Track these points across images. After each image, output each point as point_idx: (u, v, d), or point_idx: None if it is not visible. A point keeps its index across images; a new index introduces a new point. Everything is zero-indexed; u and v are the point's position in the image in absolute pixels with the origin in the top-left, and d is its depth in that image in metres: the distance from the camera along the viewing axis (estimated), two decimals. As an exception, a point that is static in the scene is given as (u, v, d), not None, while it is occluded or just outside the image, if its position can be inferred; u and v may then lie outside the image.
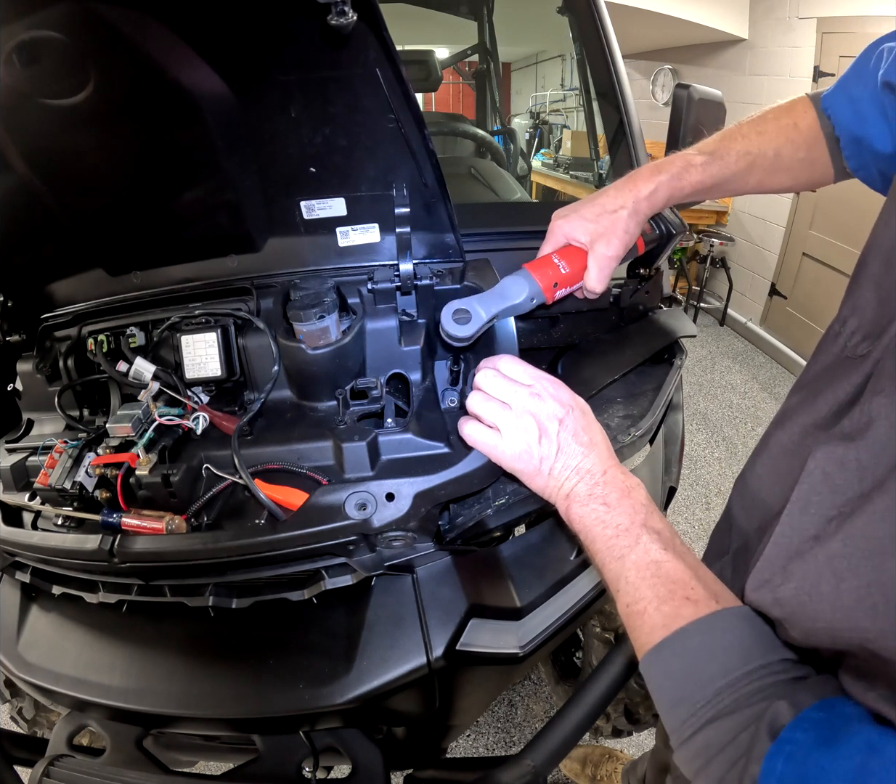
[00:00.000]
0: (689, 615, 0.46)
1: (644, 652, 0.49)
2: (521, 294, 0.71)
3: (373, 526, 0.67)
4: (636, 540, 0.52)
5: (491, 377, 0.63)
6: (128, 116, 0.73)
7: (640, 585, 0.50)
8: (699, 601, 0.47)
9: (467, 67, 3.77)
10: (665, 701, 0.47)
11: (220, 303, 0.88)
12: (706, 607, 0.47)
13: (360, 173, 0.78)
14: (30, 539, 0.77)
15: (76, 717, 0.87)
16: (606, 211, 0.71)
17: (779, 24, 3.45)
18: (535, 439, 0.59)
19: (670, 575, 0.50)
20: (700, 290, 4.35)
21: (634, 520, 0.54)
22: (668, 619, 0.47)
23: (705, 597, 0.48)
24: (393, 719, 0.85)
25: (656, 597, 0.49)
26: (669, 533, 0.54)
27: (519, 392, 0.61)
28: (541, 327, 1.07)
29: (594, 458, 0.59)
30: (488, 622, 0.78)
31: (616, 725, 1.46)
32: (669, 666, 0.47)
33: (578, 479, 0.58)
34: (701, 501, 2.71)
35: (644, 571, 0.51)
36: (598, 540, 0.55)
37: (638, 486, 0.58)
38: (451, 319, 0.69)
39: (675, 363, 1.07)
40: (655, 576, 0.50)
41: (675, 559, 0.51)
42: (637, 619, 0.50)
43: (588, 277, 0.72)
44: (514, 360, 0.64)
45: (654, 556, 0.51)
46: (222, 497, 0.77)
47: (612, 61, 1.26)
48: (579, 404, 0.62)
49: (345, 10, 0.49)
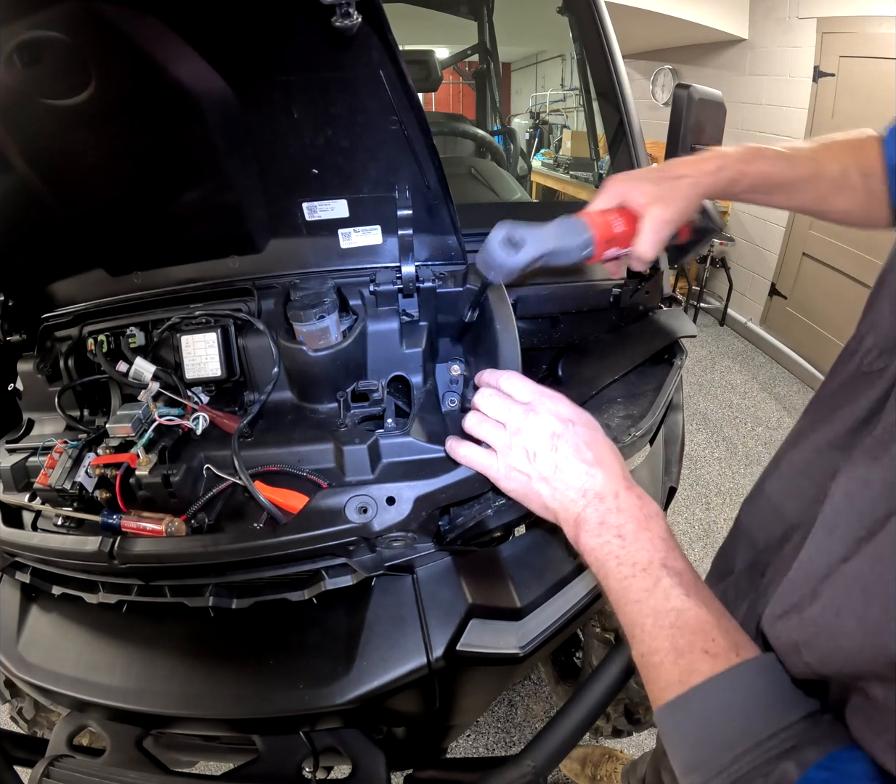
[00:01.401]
0: (707, 671, 0.43)
1: (658, 706, 0.46)
2: (576, 239, 0.67)
3: (373, 529, 0.67)
4: (655, 583, 0.48)
5: (487, 396, 0.60)
6: (129, 117, 0.72)
7: (658, 636, 0.46)
8: (718, 655, 0.44)
9: (467, 67, 3.77)
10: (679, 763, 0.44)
11: (220, 303, 0.88)
12: (725, 662, 0.43)
13: (363, 175, 0.78)
14: (30, 540, 0.77)
15: (76, 717, 0.87)
16: (669, 176, 0.69)
17: (779, 24, 3.45)
18: (531, 457, 0.56)
19: (691, 625, 0.46)
20: (700, 290, 4.35)
21: (653, 558, 0.49)
22: (683, 675, 0.44)
23: (725, 649, 0.44)
24: (393, 719, 0.85)
25: (674, 649, 0.45)
26: (691, 575, 0.49)
27: (513, 410, 0.58)
28: (541, 327, 1.07)
29: (602, 478, 0.54)
30: (488, 622, 0.78)
31: (616, 725, 1.46)
32: (684, 726, 0.44)
33: (586, 504, 0.53)
34: (701, 501, 2.71)
35: (662, 619, 0.46)
36: (611, 577, 0.50)
37: (656, 515, 0.53)
38: (500, 244, 0.63)
39: (676, 363, 1.07)
40: (674, 626, 0.46)
41: (696, 607, 0.46)
42: (652, 671, 0.46)
43: (640, 241, 0.69)
44: (515, 376, 0.61)
45: (675, 603, 0.46)
46: (222, 498, 0.77)
47: (612, 61, 1.26)
48: (582, 419, 0.58)
49: (349, 11, 0.49)
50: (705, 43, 3.98)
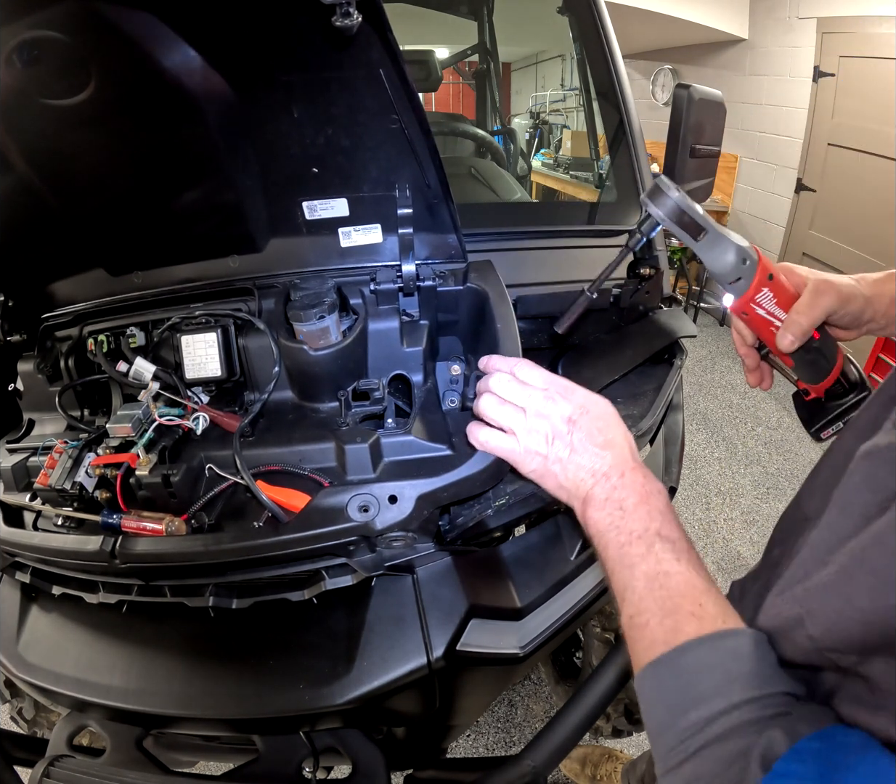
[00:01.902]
0: (692, 632, 0.44)
1: (640, 667, 0.46)
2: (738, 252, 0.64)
3: (375, 528, 0.67)
4: (648, 548, 0.50)
5: (505, 381, 0.63)
6: (129, 116, 0.72)
7: (646, 597, 0.48)
8: (705, 618, 0.44)
9: (467, 67, 3.77)
10: (654, 724, 0.44)
11: (220, 303, 0.88)
12: (711, 625, 0.44)
13: (363, 174, 0.78)
14: (30, 540, 0.77)
15: (76, 717, 0.87)
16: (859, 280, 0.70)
17: (779, 24, 3.45)
18: (549, 440, 0.59)
19: (679, 588, 0.47)
20: (700, 290, 4.35)
21: (649, 527, 0.51)
22: (669, 635, 0.45)
23: (712, 615, 0.45)
24: (393, 719, 0.85)
25: (661, 610, 0.46)
26: (685, 543, 0.51)
27: (533, 396, 0.61)
28: (541, 327, 1.07)
29: (610, 460, 0.57)
30: (488, 622, 0.78)
31: (616, 725, 1.46)
32: (663, 684, 0.44)
33: (594, 483, 0.57)
34: (701, 501, 2.71)
35: (652, 582, 0.48)
36: (610, 546, 0.53)
37: (658, 492, 0.55)
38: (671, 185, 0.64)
39: (676, 363, 1.07)
40: (663, 587, 0.47)
41: (686, 571, 0.48)
42: (638, 631, 0.47)
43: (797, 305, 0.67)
44: (530, 364, 0.64)
45: (665, 566, 0.48)
46: (223, 498, 0.77)
47: (612, 61, 1.26)
48: (597, 405, 0.61)
49: (350, 11, 0.49)
50: (705, 43, 3.98)
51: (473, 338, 0.88)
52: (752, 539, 2.49)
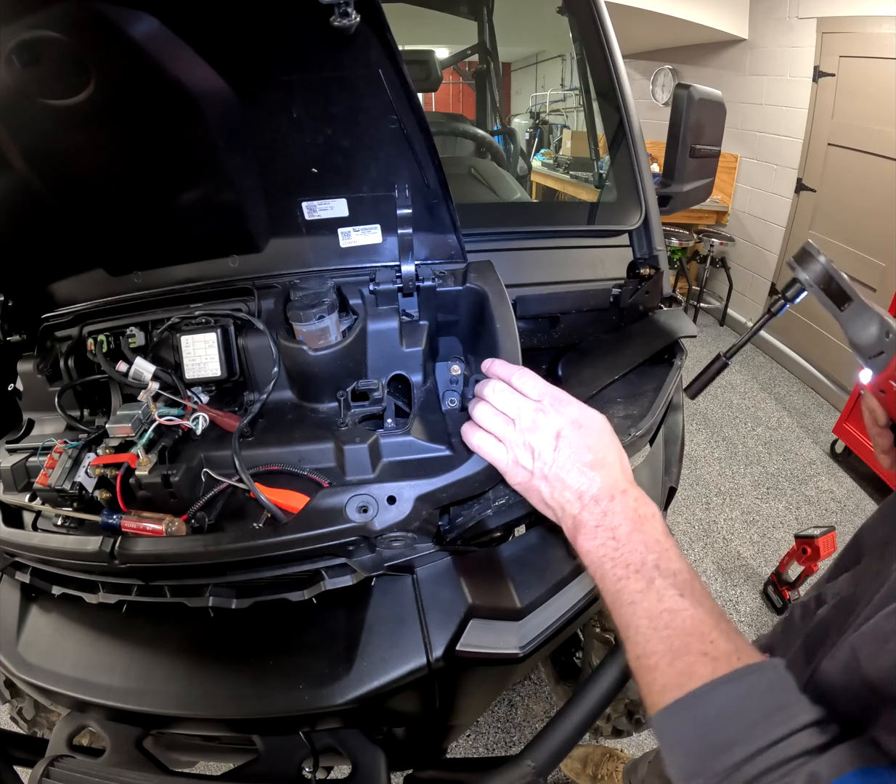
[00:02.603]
0: (707, 674, 0.42)
1: (655, 711, 0.44)
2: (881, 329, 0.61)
3: (374, 529, 0.67)
4: (648, 584, 0.47)
5: (499, 390, 0.62)
6: (129, 116, 0.72)
7: (652, 637, 0.45)
8: (718, 658, 0.42)
9: (467, 67, 3.76)
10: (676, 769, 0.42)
11: (220, 303, 0.88)
12: (726, 665, 0.42)
13: (362, 174, 0.78)
14: (30, 540, 0.77)
15: (76, 717, 0.87)
16: None
17: (779, 24, 3.45)
18: (535, 455, 0.57)
19: (686, 626, 0.45)
20: (700, 290, 4.35)
21: (646, 559, 0.49)
22: (682, 678, 0.43)
23: (725, 653, 0.43)
24: (393, 720, 0.85)
25: (669, 651, 0.44)
26: (687, 574, 0.48)
27: (524, 407, 0.59)
28: (541, 327, 1.07)
29: (599, 481, 0.54)
30: (488, 623, 0.78)
31: (616, 725, 1.46)
32: (683, 731, 0.42)
33: (582, 507, 0.54)
34: (701, 501, 2.71)
35: (657, 621, 0.46)
36: (607, 579, 0.50)
37: (653, 517, 0.53)
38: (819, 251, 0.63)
39: (676, 363, 1.07)
40: (669, 627, 0.45)
41: (692, 607, 0.45)
42: (648, 674, 0.45)
43: None
44: (528, 373, 0.63)
45: (669, 603, 0.46)
46: (222, 498, 0.77)
47: (612, 61, 1.26)
48: (590, 420, 0.59)
49: (348, 11, 0.49)
50: (705, 43, 3.98)
51: (473, 338, 0.88)
52: (752, 539, 2.49)
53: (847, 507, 2.63)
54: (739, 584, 2.27)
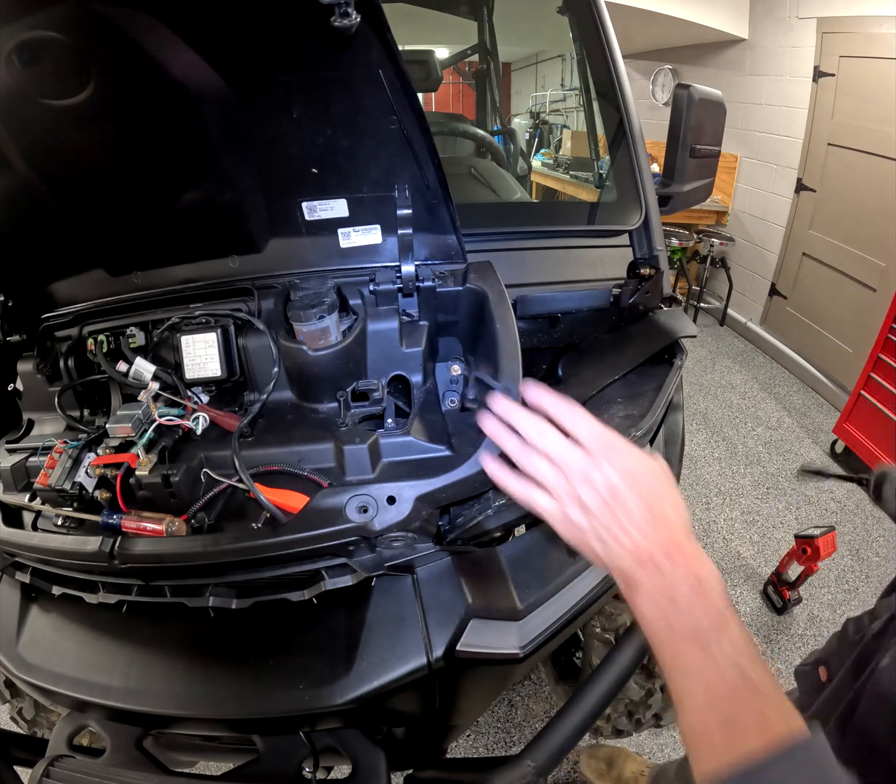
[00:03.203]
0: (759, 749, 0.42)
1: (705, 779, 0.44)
2: None
3: (374, 529, 0.67)
4: (705, 652, 0.46)
5: (546, 433, 0.56)
6: (128, 116, 0.72)
7: (706, 709, 0.45)
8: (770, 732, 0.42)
9: (467, 67, 3.76)
10: None
11: (220, 303, 0.88)
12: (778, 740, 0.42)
13: (362, 174, 0.78)
14: (30, 540, 0.77)
15: (76, 717, 0.87)
16: None
17: (779, 24, 3.45)
18: (586, 510, 0.53)
19: (743, 699, 0.44)
20: (700, 290, 4.35)
21: (703, 626, 0.47)
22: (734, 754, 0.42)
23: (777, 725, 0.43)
24: (393, 720, 0.85)
25: (724, 723, 0.44)
26: (743, 638, 0.47)
27: (578, 459, 0.54)
28: (541, 327, 1.07)
29: (654, 538, 0.51)
30: (488, 622, 0.78)
31: (616, 725, 1.46)
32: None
33: (636, 564, 0.51)
34: (701, 501, 2.71)
35: (713, 692, 0.45)
36: (662, 641, 0.49)
37: (710, 576, 0.50)
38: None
39: (676, 363, 1.07)
40: (725, 700, 0.45)
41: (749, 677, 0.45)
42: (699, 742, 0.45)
43: None
44: (583, 414, 0.56)
45: (725, 673, 0.45)
46: (222, 498, 0.77)
47: (612, 61, 1.26)
48: (644, 470, 0.55)
49: (348, 11, 0.49)
50: (705, 43, 3.98)
51: (473, 338, 0.88)
52: (752, 539, 2.49)
53: (847, 507, 2.63)
54: (739, 584, 2.27)
